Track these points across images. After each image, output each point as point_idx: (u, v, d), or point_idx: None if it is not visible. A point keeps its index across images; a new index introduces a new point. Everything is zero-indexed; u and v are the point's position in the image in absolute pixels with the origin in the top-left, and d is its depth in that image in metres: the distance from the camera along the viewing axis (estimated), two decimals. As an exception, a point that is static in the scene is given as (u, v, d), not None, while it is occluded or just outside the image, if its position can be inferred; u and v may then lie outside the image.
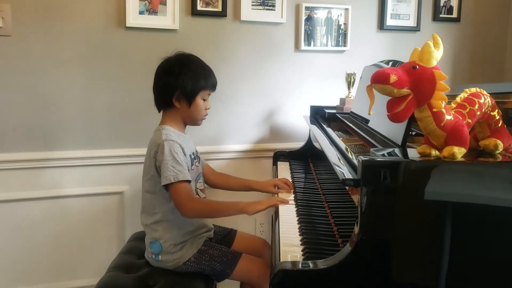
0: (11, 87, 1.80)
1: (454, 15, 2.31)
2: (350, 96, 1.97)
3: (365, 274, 0.91)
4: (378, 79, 0.88)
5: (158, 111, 1.48)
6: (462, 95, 1.00)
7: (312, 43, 2.13)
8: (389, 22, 2.22)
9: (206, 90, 1.44)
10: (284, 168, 1.89)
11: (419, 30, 2.26)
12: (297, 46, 2.13)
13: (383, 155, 0.95)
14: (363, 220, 0.89)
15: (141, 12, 1.89)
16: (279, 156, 2.04)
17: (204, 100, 1.44)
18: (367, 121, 1.43)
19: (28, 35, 1.79)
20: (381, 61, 1.67)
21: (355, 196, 1.00)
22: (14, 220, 1.86)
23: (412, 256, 0.93)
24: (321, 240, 1.12)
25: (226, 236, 1.61)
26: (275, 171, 1.88)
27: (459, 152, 0.90)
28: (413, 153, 0.95)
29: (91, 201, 1.94)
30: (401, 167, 0.89)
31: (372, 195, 0.88)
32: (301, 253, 1.04)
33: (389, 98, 0.91)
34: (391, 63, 1.48)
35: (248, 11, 2.02)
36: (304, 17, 2.09)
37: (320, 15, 2.13)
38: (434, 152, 0.93)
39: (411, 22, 2.25)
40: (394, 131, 1.12)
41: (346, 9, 2.15)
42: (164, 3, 1.91)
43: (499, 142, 1.00)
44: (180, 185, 1.31)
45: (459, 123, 0.91)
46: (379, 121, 1.28)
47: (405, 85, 0.88)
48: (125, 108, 1.93)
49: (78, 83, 1.87)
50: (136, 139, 1.93)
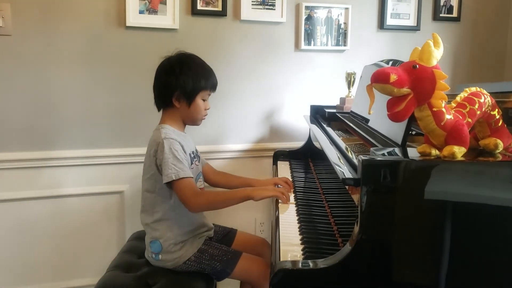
0: (11, 87, 1.80)
1: (454, 15, 2.31)
2: (350, 96, 1.96)
3: (365, 274, 0.91)
4: (378, 79, 0.88)
5: (158, 110, 1.48)
6: (462, 95, 1.00)
7: (312, 43, 2.13)
8: (389, 22, 2.22)
9: (206, 91, 1.44)
10: (284, 168, 1.89)
11: (419, 30, 2.26)
12: (297, 46, 2.12)
13: (383, 155, 0.95)
14: (363, 220, 0.89)
15: (141, 12, 1.89)
16: (279, 156, 2.04)
17: (204, 100, 1.44)
18: (367, 121, 1.43)
19: (28, 35, 1.79)
20: (381, 61, 1.66)
21: (355, 196, 1.00)
22: (14, 220, 1.86)
23: (412, 256, 0.93)
24: (321, 240, 1.12)
25: (226, 236, 1.61)
26: (275, 171, 1.88)
27: (459, 152, 0.90)
28: (413, 153, 0.95)
29: (91, 201, 1.94)
30: (401, 167, 0.89)
31: (372, 195, 0.88)
32: (301, 253, 1.04)
33: (389, 98, 0.91)
34: (391, 63, 1.47)
35: (248, 11, 2.02)
36: (304, 17, 2.09)
37: (320, 15, 2.13)
38: (434, 152, 0.93)
39: (411, 22, 2.25)
40: (394, 131, 1.12)
41: (346, 9, 2.15)
42: (164, 3, 1.91)
43: (499, 142, 1.00)
44: (183, 182, 1.31)
45: (459, 123, 0.91)
46: (379, 121, 1.28)
47: (405, 85, 0.88)
48: (125, 108, 1.93)
49: (78, 83, 1.87)
50: (136, 139, 1.93)
